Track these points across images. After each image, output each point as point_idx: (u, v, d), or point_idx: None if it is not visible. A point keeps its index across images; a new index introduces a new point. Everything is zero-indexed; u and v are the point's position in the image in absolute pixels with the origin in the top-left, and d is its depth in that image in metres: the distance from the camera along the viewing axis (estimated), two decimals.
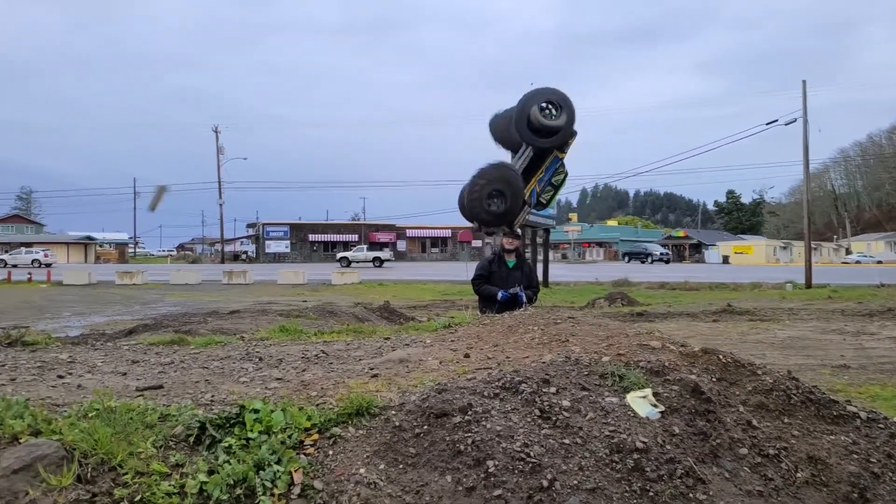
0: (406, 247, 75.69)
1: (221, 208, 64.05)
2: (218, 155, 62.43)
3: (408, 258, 73.18)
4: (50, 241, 76.03)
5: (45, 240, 76.30)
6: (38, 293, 25.97)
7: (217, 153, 62.53)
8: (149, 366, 3.96)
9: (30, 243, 72.00)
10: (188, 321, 13.30)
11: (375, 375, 3.44)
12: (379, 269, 47.90)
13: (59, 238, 78.02)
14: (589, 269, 46.66)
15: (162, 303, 22.31)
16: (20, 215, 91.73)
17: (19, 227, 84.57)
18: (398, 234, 75.58)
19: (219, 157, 62.45)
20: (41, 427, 2.53)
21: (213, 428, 2.63)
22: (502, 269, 6.58)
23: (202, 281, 31.80)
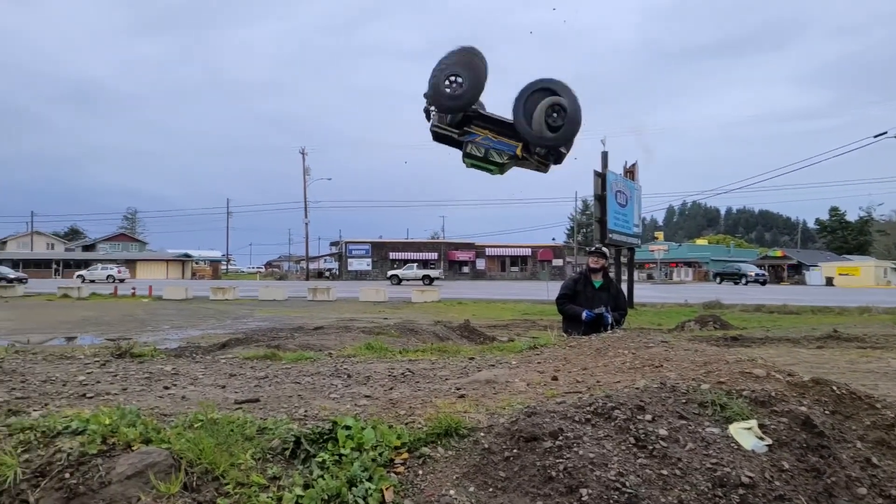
0: (485, 265, 75.60)
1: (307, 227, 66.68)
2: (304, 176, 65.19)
3: (487, 277, 73.02)
4: (152, 258, 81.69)
5: (147, 257, 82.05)
6: (141, 307, 27.85)
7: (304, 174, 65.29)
8: (245, 379, 4.12)
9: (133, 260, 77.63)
10: (276, 336, 13.83)
11: (462, 396, 3.42)
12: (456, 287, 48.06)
13: (160, 255, 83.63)
14: (677, 290, 44.81)
15: (251, 318, 23.32)
16: (126, 234, 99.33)
17: (125, 245, 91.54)
18: (477, 252, 75.68)
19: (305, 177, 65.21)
20: (151, 436, 2.68)
21: (307, 442, 2.69)
22: (588, 288, 6.43)
23: (288, 297, 33.06)
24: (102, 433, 2.64)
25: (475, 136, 7.46)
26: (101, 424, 2.69)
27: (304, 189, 65.02)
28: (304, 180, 65.11)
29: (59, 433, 2.71)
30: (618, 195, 24.53)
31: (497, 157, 7.41)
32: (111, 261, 70.06)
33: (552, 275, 60.30)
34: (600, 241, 22.72)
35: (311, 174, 65.91)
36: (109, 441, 2.62)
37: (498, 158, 7.45)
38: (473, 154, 7.50)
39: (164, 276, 74.21)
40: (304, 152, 65.75)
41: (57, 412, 3.05)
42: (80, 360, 5.47)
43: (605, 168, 24.37)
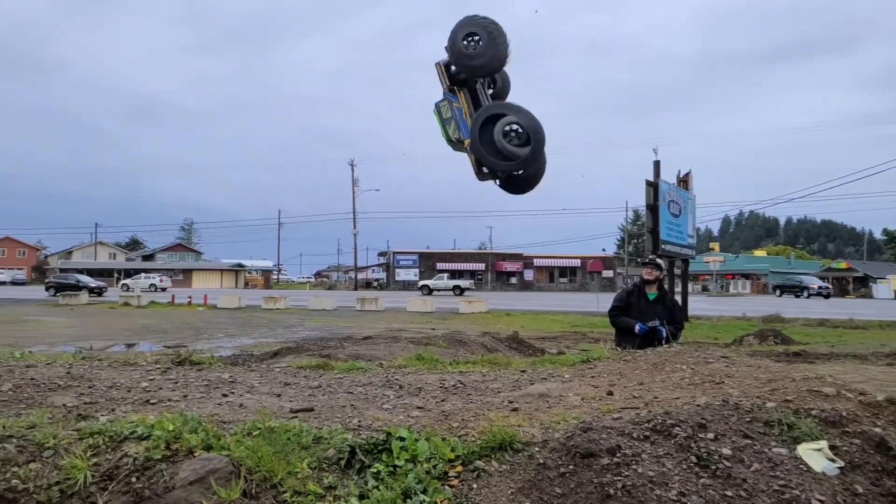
0: (533, 276, 74.91)
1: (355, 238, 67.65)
2: (353, 187, 66.26)
3: (535, 288, 72.34)
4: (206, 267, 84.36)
5: (202, 266, 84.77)
6: (197, 315, 28.76)
7: (353, 185, 66.38)
8: (299, 388, 4.19)
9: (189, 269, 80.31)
10: (326, 346, 14.04)
11: (516, 409, 3.38)
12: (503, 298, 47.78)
13: (214, 265, 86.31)
14: (733, 303, 43.34)
15: (302, 327, 23.75)
16: (183, 244, 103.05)
17: (182, 255, 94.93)
18: (525, 263, 75.10)
19: (354, 189, 66.27)
20: (212, 442, 2.75)
21: (362, 453, 2.71)
22: (641, 301, 6.28)
23: (337, 307, 33.54)
24: (166, 439, 2.72)
25: (455, 98, 7.44)
26: (165, 430, 2.78)
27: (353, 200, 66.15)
28: (353, 191, 66.26)
29: (125, 438, 2.81)
30: (671, 205, 23.94)
31: (453, 132, 7.35)
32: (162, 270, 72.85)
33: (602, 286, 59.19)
34: (652, 251, 22.16)
35: (360, 185, 67.01)
36: (173, 447, 2.70)
37: (452, 134, 7.38)
38: (441, 112, 7.49)
39: (218, 285, 76.52)
40: (353, 164, 66.97)
41: (123, 417, 3.16)
42: (142, 366, 5.68)
43: (658, 177, 23.81)
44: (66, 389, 4.36)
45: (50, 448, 2.78)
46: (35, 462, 2.72)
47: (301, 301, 37.37)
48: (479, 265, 73.62)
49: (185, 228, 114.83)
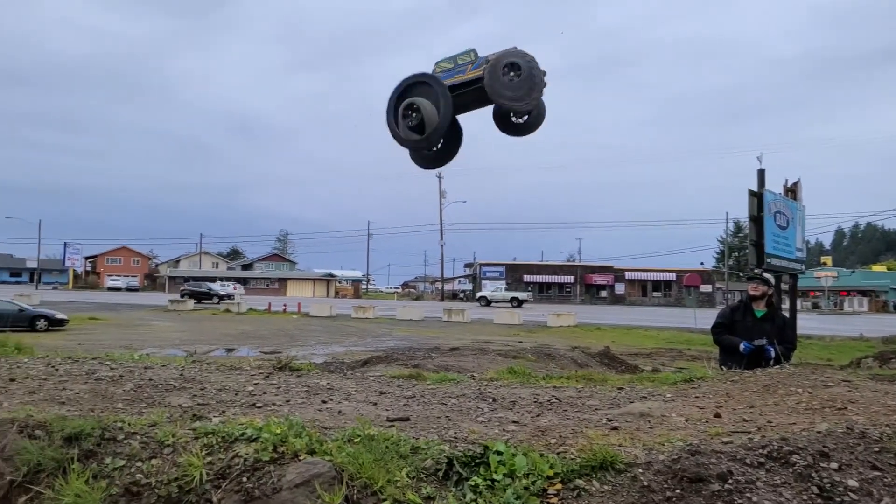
0: (625, 290, 72.45)
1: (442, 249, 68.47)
2: (440, 199, 67.10)
3: (626, 302, 70.02)
4: (300, 277, 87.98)
5: (296, 276, 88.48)
6: (291, 323, 30.02)
7: (440, 197, 67.25)
8: (394, 398, 4.26)
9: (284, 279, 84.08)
10: (414, 356, 14.24)
11: (615, 428, 3.27)
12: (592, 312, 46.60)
13: (307, 275, 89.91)
14: (849, 322, 40.04)
15: (390, 336, 24.21)
16: (278, 254, 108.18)
17: (277, 265, 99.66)
18: (616, 276, 72.83)
19: (441, 201, 67.10)
20: (315, 447, 2.84)
21: (459, 465, 2.71)
22: (748, 318, 5.90)
23: (424, 317, 33.97)
24: (273, 442, 2.84)
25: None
26: (272, 434, 2.90)
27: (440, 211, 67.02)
28: (440, 203, 67.08)
29: (236, 439, 2.96)
30: (777, 216, 22.42)
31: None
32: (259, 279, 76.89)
33: (700, 301, 56.43)
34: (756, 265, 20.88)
35: (446, 197, 67.76)
36: (279, 450, 2.82)
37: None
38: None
39: (310, 294, 79.55)
40: (441, 176, 67.83)
41: (233, 419, 3.33)
42: (246, 371, 5.98)
43: (762, 187, 22.42)
44: (181, 391, 4.66)
45: (169, 446, 2.97)
46: (156, 458, 2.92)
47: (389, 311, 38.16)
48: (568, 278, 72.25)
49: (280, 239, 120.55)
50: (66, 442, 3.01)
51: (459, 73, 6.51)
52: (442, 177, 67.84)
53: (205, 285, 52.28)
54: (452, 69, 6.47)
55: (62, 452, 2.95)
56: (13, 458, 2.95)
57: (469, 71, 6.51)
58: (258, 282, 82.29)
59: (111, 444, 3.02)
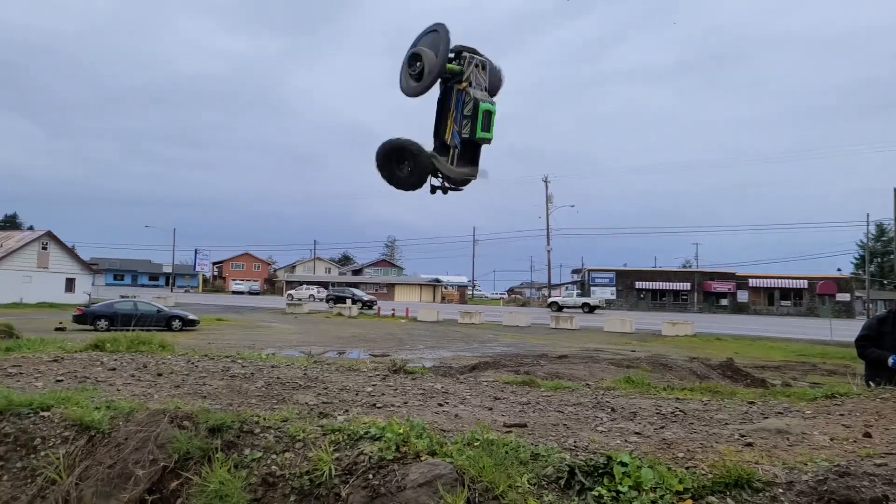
0: (748, 298, 67.41)
1: (549, 255, 67.40)
2: (547, 204, 66.23)
3: (750, 311, 65.27)
4: (407, 282, 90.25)
5: (403, 281, 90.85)
6: (399, 327, 30.83)
7: (546, 202, 66.40)
8: (509, 403, 4.25)
9: (392, 284, 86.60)
10: (522, 362, 14.12)
11: (750, 444, 3.06)
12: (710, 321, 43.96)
13: (414, 280, 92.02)
14: None
15: (496, 342, 24.19)
16: (387, 260, 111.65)
17: (385, 270, 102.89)
18: (738, 283, 67.96)
19: (548, 205, 66.21)
20: (436, 449, 2.89)
21: (581, 474, 2.65)
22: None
23: (531, 324, 33.64)
24: (396, 442, 2.93)
25: (454, 129, 6.29)
26: (395, 433, 2.99)
27: (547, 217, 66.05)
28: (547, 208, 66.17)
29: (360, 437, 3.08)
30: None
31: (465, 106, 6.19)
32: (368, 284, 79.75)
33: (836, 311, 51.56)
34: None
35: (553, 202, 66.72)
36: (402, 449, 2.89)
37: (467, 106, 6.19)
38: (470, 125, 6.27)
39: (417, 298, 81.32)
40: (547, 180, 66.91)
41: (357, 418, 3.47)
42: (364, 372, 6.21)
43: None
44: (306, 389, 4.92)
45: (300, 441, 3.15)
46: (289, 452, 3.10)
47: (495, 317, 38.17)
48: (684, 284, 68.61)
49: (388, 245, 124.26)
50: (210, 433, 3.28)
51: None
52: (548, 181, 66.97)
53: (348, 291, 53.68)
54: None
55: (207, 442, 3.20)
56: (166, 446, 3.24)
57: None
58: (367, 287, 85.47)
59: (249, 436, 3.24)
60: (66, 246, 43.25)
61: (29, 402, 3.84)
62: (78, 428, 3.59)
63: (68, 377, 5.43)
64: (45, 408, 3.79)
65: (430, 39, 5.96)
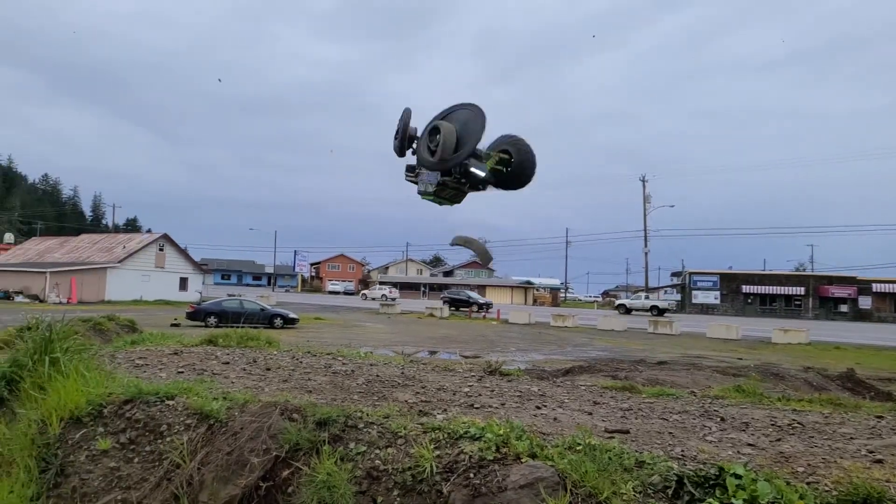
0: (871, 304, 61.27)
1: (646, 256, 64.90)
2: (644, 204, 63.88)
3: (874, 318, 59.57)
4: (498, 284, 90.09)
5: (494, 283, 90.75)
6: (490, 328, 30.78)
7: (644, 202, 64.08)
8: (609, 409, 4.14)
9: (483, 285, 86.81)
10: (618, 367, 13.69)
11: (879, 461, 2.81)
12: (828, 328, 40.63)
13: (505, 282, 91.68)
14: None
15: (591, 346, 23.60)
16: (477, 262, 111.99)
17: (476, 272, 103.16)
18: (860, 288, 62.03)
19: (645, 206, 63.84)
20: (536, 451, 2.87)
21: (691, 484, 2.54)
22: None
23: (627, 328, 32.54)
24: (496, 442, 2.94)
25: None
26: (494, 434, 3.00)
27: (644, 217, 63.58)
28: (645, 208, 63.71)
29: (460, 436, 3.11)
30: None
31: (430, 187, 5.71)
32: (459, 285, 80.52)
33: None
34: None
35: (651, 202, 64.19)
36: (502, 450, 2.90)
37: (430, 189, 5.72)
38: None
39: (508, 300, 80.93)
40: (645, 180, 64.48)
41: (455, 417, 3.51)
42: (459, 373, 6.27)
43: None
44: (404, 387, 5.04)
45: (402, 437, 3.23)
46: (391, 448, 3.19)
47: (589, 320, 37.28)
48: (797, 289, 63.72)
49: None
50: (317, 426, 3.43)
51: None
52: (646, 180, 64.60)
53: (464, 293, 52.78)
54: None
55: (315, 435, 3.36)
56: (277, 437, 3.43)
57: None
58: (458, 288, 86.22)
59: (353, 431, 3.36)
60: (179, 247, 46.69)
61: (156, 391, 4.19)
62: (199, 416, 3.86)
63: (188, 369, 5.87)
64: (169, 397, 4.11)
65: (462, 117, 5.73)
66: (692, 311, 63.81)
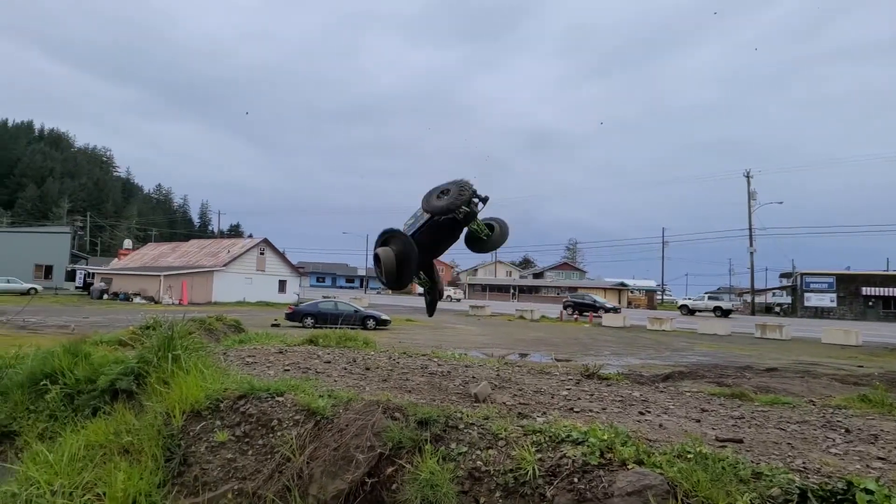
0: None
1: (752, 256, 61.10)
2: (749, 201, 60.15)
3: None
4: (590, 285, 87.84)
5: (586, 285, 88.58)
6: (582, 332, 30.09)
7: (748, 199, 60.37)
8: (719, 416, 3.95)
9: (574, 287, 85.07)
10: (723, 373, 12.96)
11: None
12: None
13: (597, 283, 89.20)
14: None
15: (691, 351, 22.54)
16: (568, 263, 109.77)
17: (567, 273, 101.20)
18: None
19: (750, 202, 60.11)
20: (643, 458, 2.78)
21: (815, 499, 2.37)
22: None
23: (731, 332, 30.82)
24: (600, 447, 2.87)
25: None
26: (598, 439, 2.93)
27: (749, 215, 59.82)
28: (750, 205, 59.93)
29: (562, 440, 3.07)
30: None
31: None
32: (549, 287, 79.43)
33: None
34: None
35: (757, 199, 60.33)
36: (606, 456, 2.83)
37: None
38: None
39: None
40: (749, 175, 60.75)
41: (556, 421, 3.47)
42: (555, 376, 6.19)
43: None
44: (501, 389, 5.04)
45: (502, 439, 3.23)
46: (492, 449, 3.19)
47: (688, 324, 35.67)
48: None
49: (569, 248, 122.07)
50: (418, 425, 3.50)
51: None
52: (751, 176, 60.87)
53: (588, 297, 49.75)
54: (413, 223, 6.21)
55: (417, 434, 3.42)
56: (381, 434, 3.53)
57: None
58: (549, 290, 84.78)
59: (454, 431, 3.40)
60: (278, 251, 49.09)
61: (266, 387, 4.43)
62: (306, 413, 4.04)
63: (293, 367, 6.16)
64: (279, 393, 4.33)
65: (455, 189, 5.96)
66: (805, 314, 59.35)
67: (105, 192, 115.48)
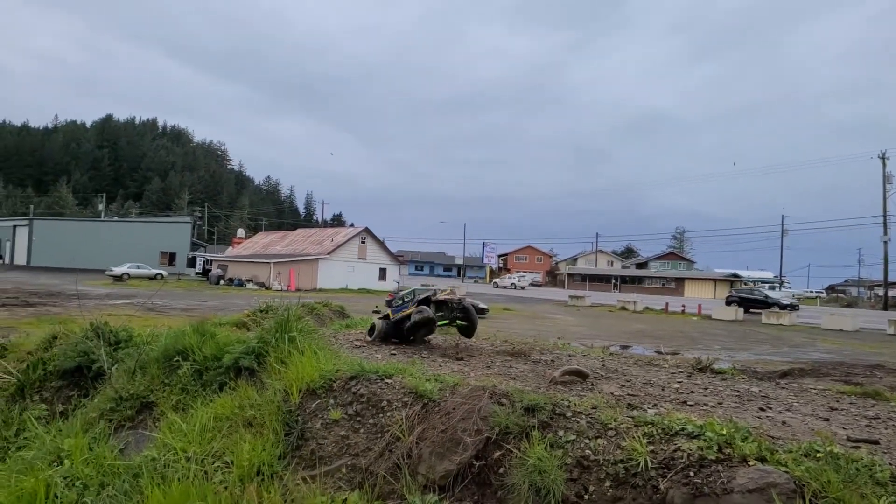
0: None
1: (885, 246, 55.46)
2: (884, 185, 54.61)
3: None
4: (698, 276, 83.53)
5: (694, 276, 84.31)
6: (689, 325, 28.69)
7: (883, 183, 54.82)
8: (850, 416, 3.67)
9: (681, 278, 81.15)
10: (850, 372, 11.94)
11: None
12: None
13: (707, 274, 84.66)
14: None
15: (813, 347, 20.92)
16: (675, 253, 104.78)
17: (673, 264, 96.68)
18: None
19: (885, 187, 54.56)
20: (765, 455, 2.64)
21: None
22: None
23: (859, 328, 28.28)
24: (718, 442, 2.76)
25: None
26: (716, 433, 2.82)
27: (884, 200, 54.17)
28: (884, 190, 54.40)
29: (676, 433, 2.98)
30: None
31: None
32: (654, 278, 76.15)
33: None
34: None
35: (893, 182, 54.63)
36: (725, 451, 2.72)
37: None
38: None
39: (711, 295, 74.73)
40: (885, 157, 55.11)
41: (668, 413, 3.37)
42: (665, 368, 5.98)
43: None
44: (608, 380, 4.95)
45: (612, 429, 3.18)
46: (601, 438, 3.15)
47: (810, 318, 33.09)
48: None
49: (676, 237, 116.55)
50: (525, 412, 3.52)
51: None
52: (887, 158, 55.23)
53: (759, 292, 42.89)
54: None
55: (523, 420, 3.45)
56: (488, 419, 3.58)
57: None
58: (653, 281, 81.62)
59: (561, 419, 3.39)
60: (378, 240, 50.52)
61: (376, 370, 4.61)
62: (414, 395, 4.18)
63: (398, 352, 6.37)
64: (387, 376, 4.50)
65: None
66: None
67: (220, 184, 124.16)
